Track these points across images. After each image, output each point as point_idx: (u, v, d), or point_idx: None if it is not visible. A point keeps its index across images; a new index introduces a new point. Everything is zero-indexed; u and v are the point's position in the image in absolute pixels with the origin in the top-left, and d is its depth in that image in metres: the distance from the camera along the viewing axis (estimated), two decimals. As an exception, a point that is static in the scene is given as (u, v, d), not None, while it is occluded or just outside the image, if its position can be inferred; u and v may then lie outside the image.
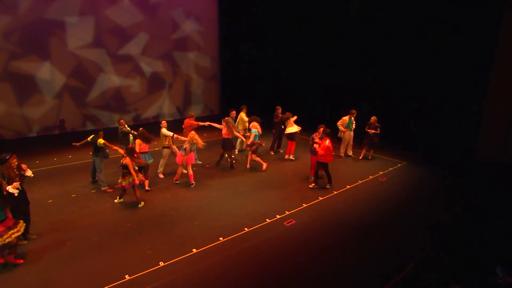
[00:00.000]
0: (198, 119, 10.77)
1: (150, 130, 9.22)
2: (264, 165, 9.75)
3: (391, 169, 10.11)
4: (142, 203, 7.44)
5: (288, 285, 5.14)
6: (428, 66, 11.48)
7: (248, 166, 9.91)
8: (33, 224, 6.55)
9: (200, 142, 8.55)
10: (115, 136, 9.41)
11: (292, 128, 10.29)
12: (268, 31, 16.49)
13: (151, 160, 8.34)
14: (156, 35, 15.41)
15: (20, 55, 12.39)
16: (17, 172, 5.73)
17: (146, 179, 8.26)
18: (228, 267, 5.47)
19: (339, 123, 10.73)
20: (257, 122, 9.78)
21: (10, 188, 5.28)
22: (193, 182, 8.56)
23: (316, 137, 8.55)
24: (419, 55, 11.61)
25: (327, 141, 8.12)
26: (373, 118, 10.47)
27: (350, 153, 11.18)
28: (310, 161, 8.97)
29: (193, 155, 8.71)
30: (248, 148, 9.74)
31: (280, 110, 11.23)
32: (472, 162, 10.50)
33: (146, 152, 8.20)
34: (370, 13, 12.83)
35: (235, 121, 10.93)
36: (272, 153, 11.43)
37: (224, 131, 9.67)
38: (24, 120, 12.84)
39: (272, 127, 11.37)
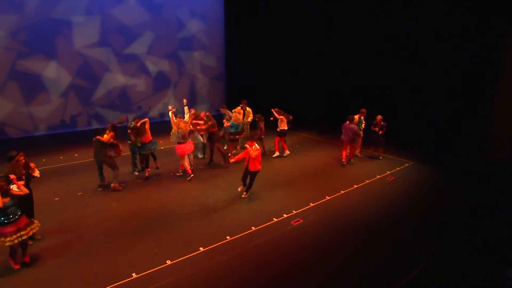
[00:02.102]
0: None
1: (155, 129, 9.29)
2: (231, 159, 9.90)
3: (398, 168, 10.00)
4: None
5: (295, 284, 5.07)
6: (435, 65, 11.35)
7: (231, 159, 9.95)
8: (39, 222, 6.56)
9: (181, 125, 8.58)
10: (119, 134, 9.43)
11: (284, 125, 10.54)
12: (274, 30, 16.43)
13: (156, 146, 8.79)
14: (161, 34, 15.43)
15: (26, 54, 12.46)
16: (23, 171, 5.69)
17: (147, 167, 8.90)
18: (235, 266, 5.41)
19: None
20: (261, 120, 10.38)
21: (14, 187, 5.15)
22: (189, 173, 8.82)
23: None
24: (427, 53, 11.49)
25: (255, 144, 7.56)
26: (378, 117, 10.39)
27: (357, 152, 11.08)
28: (313, 159, 8.88)
29: (191, 143, 8.80)
30: (227, 136, 10.30)
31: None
32: (480, 162, 10.35)
33: (150, 141, 8.55)
34: (378, 13, 12.73)
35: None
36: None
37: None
38: (30, 118, 12.91)
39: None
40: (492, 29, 10.04)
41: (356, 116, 10.56)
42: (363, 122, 10.63)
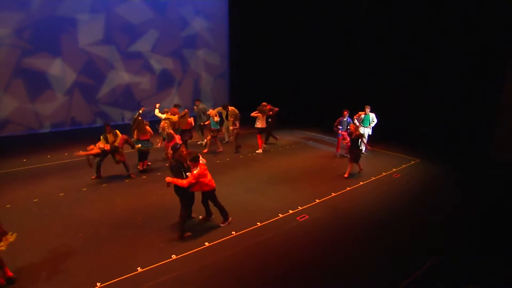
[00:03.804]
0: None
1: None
2: (206, 150, 10.74)
3: (404, 166, 9.90)
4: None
5: (300, 280, 5.01)
6: (442, 62, 11.24)
7: (205, 150, 10.81)
8: (44, 216, 6.60)
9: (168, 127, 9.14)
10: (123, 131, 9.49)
11: (262, 123, 10.79)
12: (278, 29, 16.38)
13: (151, 146, 9.00)
14: (165, 32, 15.43)
15: (32, 51, 12.52)
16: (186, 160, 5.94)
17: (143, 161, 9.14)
18: (240, 261, 5.36)
19: (355, 117, 10.59)
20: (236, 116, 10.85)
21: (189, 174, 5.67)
22: None
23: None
24: (433, 51, 11.39)
25: (198, 168, 5.73)
26: (352, 127, 8.97)
27: (363, 150, 10.96)
28: (318, 156, 8.85)
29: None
30: (211, 133, 10.75)
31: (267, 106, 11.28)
32: (487, 161, 10.22)
33: (148, 139, 8.86)
34: (382, 9, 12.63)
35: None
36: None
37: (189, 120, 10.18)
38: (35, 115, 12.95)
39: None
40: (500, 27, 9.91)
41: (362, 113, 10.49)
42: (374, 120, 10.49)
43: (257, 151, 11.09)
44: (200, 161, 5.84)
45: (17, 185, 8.03)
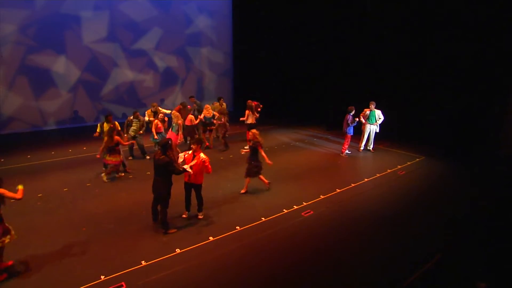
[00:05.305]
0: None
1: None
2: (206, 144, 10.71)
3: (409, 163, 9.82)
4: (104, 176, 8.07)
5: (304, 275, 4.96)
6: (447, 59, 11.13)
7: (207, 144, 10.85)
8: (48, 211, 6.60)
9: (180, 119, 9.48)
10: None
11: (251, 120, 10.71)
12: (282, 27, 16.32)
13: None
14: (169, 30, 15.41)
15: (36, 48, 12.53)
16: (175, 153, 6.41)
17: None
18: (245, 255, 5.34)
19: (361, 114, 10.52)
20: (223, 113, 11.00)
21: (187, 167, 5.76)
22: None
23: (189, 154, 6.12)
24: (437, 48, 11.28)
25: (202, 154, 6.02)
26: (250, 133, 7.37)
27: (371, 148, 10.89)
28: (322, 153, 8.73)
29: (181, 135, 9.61)
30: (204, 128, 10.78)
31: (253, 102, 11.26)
32: (494, 157, 10.11)
33: (161, 132, 9.24)
34: (388, 3, 12.53)
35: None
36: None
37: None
38: (39, 113, 12.97)
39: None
40: (509, 22, 9.80)
41: (367, 110, 10.43)
42: (380, 117, 10.38)
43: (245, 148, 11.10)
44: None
45: (22, 180, 7.97)
